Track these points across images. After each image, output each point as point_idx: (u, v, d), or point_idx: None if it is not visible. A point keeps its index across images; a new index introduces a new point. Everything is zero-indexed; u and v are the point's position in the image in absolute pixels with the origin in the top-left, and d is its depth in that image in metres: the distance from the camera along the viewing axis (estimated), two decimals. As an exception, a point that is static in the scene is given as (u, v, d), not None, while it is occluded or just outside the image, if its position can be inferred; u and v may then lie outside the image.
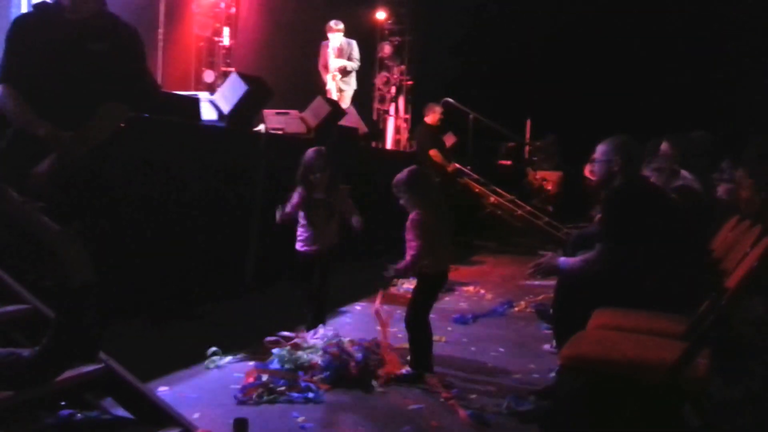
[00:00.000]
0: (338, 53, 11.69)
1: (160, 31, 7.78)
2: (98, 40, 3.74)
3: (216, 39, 12.15)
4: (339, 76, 11.70)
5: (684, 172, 5.61)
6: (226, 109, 7.19)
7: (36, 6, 4.07)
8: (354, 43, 11.81)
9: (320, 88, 11.26)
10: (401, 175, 5.05)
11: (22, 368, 3.16)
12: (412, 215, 4.91)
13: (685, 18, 16.52)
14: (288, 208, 5.53)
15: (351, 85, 11.90)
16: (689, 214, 5.00)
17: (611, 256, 4.41)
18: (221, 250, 6.58)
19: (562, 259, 4.81)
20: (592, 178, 15.91)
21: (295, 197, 5.53)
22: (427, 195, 4.99)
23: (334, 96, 11.41)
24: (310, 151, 5.63)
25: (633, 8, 16.71)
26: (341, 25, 11.62)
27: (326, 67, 11.76)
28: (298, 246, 5.64)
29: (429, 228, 4.86)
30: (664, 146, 5.85)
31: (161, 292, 5.79)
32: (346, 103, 11.32)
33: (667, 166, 5.62)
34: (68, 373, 3.35)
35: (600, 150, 4.77)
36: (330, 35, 11.65)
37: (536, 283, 7.97)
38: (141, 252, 5.41)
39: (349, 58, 11.74)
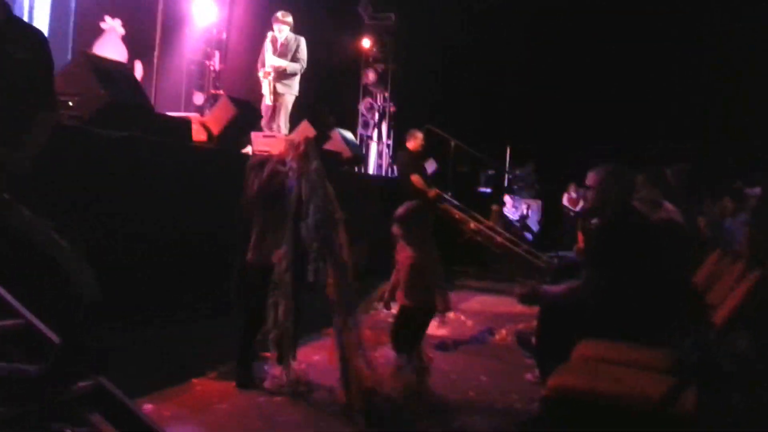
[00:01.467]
0: (281, 49, 10.23)
1: (155, 53, 7.89)
2: (19, 48, 3.63)
3: (207, 62, 12.31)
4: (272, 74, 10.17)
5: (667, 204, 5.63)
6: (215, 130, 7.31)
7: None
8: (302, 40, 10.40)
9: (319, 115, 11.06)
10: (401, 209, 5.12)
11: (30, 385, 3.19)
12: (406, 253, 4.97)
13: (667, 45, 16.81)
14: None
15: (292, 88, 10.36)
16: (673, 246, 5.01)
17: (598, 283, 4.40)
18: (207, 267, 6.65)
19: (547, 286, 4.84)
20: (570, 206, 16.15)
21: None
22: (421, 232, 5.05)
23: (268, 99, 10.13)
24: None
25: (613, 35, 16.96)
26: (289, 18, 10.33)
27: (263, 64, 10.29)
28: None
29: (421, 269, 4.94)
30: (640, 179, 5.76)
31: (146, 305, 5.83)
32: (285, 109, 10.25)
33: (649, 197, 5.64)
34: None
35: (594, 178, 4.75)
36: (275, 26, 10.27)
37: (517, 310, 8.03)
38: (129, 266, 5.51)
39: (293, 59, 10.27)
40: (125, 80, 6.04)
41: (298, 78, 10.38)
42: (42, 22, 8.90)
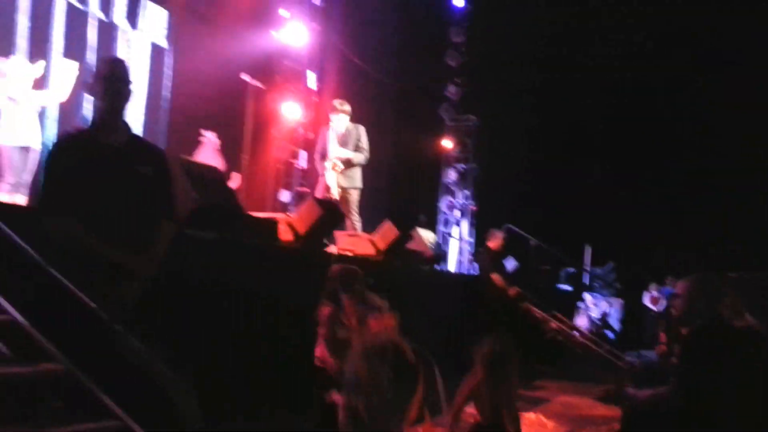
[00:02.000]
0: (342, 139, 9.70)
1: (245, 156, 8.27)
2: (144, 163, 4.01)
3: (292, 161, 12.68)
4: (340, 167, 9.63)
5: (748, 317, 5.47)
6: (301, 230, 7.53)
7: (70, 134, 4.33)
8: (362, 129, 9.85)
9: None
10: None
11: None
12: None
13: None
14: None
15: (356, 181, 9.80)
16: (758, 355, 4.93)
17: (685, 394, 4.30)
18: (285, 366, 6.77)
19: (632, 390, 4.74)
20: (653, 306, 15.90)
21: None
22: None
23: (335, 192, 9.58)
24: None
25: (701, 137, 16.96)
26: (347, 107, 9.77)
27: (324, 156, 9.72)
28: None
29: None
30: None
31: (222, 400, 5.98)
32: (355, 204, 9.78)
33: (732, 305, 5.53)
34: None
35: (683, 287, 4.66)
36: (333, 117, 9.75)
37: (599, 413, 7.89)
38: (212, 361, 5.67)
39: (356, 148, 9.71)
40: (215, 183, 6.29)
41: (360, 171, 9.90)
42: (137, 123, 9.33)
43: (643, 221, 17.28)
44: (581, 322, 14.17)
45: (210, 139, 9.57)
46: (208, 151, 9.63)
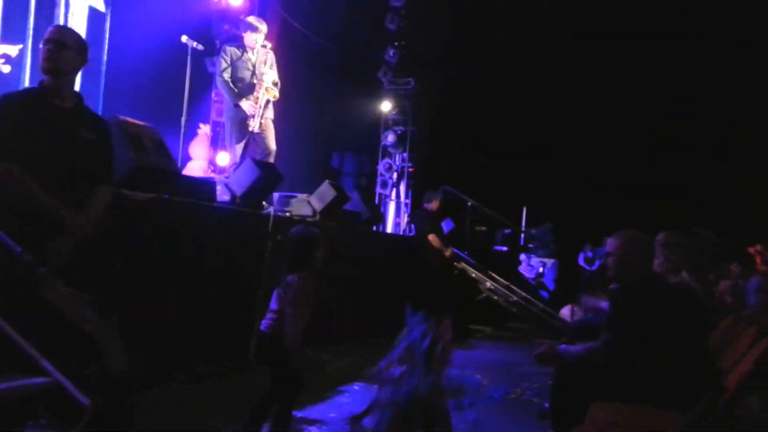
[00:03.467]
0: (266, 63, 9.24)
1: (183, 118, 8.29)
2: (87, 128, 4.23)
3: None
4: (274, 91, 9.21)
5: (684, 274, 5.53)
6: (238, 191, 7.58)
7: (17, 91, 4.55)
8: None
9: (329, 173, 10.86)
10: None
11: None
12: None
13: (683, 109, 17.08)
14: None
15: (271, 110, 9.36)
16: (689, 310, 4.85)
17: (616, 348, 4.37)
18: (228, 324, 6.86)
19: (563, 346, 4.76)
20: (586, 266, 16.25)
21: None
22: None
23: (257, 125, 9.08)
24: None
25: (627, 100, 17.26)
26: (265, 25, 9.29)
27: (252, 87, 9.14)
28: None
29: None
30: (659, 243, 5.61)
31: (166, 360, 6.05)
32: (271, 137, 9.27)
33: (667, 262, 5.51)
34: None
35: (614, 244, 4.71)
36: (254, 36, 9.20)
37: (533, 369, 8.04)
38: (150, 320, 5.74)
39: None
40: (153, 144, 6.28)
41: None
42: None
43: (580, 182, 17.60)
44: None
45: (205, 132, 9.75)
46: (203, 141, 9.86)
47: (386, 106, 16.06)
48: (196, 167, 10.85)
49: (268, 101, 9.26)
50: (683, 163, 17.07)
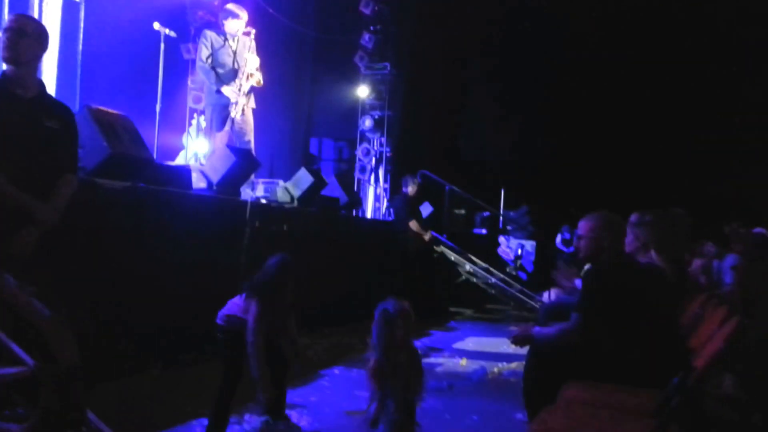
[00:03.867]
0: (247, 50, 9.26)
1: (158, 106, 8.26)
2: (50, 118, 4.19)
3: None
4: (258, 76, 9.23)
5: (652, 253, 5.50)
6: (215, 178, 7.58)
7: None
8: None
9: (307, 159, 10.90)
10: None
11: None
12: None
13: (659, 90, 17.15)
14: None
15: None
16: (659, 290, 4.99)
17: (588, 328, 4.39)
18: (206, 310, 6.86)
19: (537, 328, 4.78)
20: (564, 248, 16.35)
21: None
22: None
23: (238, 114, 9.07)
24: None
25: (606, 81, 17.30)
26: (245, 13, 9.35)
27: (232, 60, 9.16)
28: None
29: None
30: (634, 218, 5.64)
31: (145, 347, 6.04)
32: (250, 130, 9.24)
33: (636, 241, 5.52)
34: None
35: (586, 226, 4.74)
36: (235, 23, 9.29)
37: (511, 350, 8.08)
38: (129, 309, 5.76)
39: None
40: (126, 132, 6.26)
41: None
42: (50, 76, 9.21)
43: (557, 164, 17.65)
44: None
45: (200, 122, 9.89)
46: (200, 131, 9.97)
47: (363, 91, 16.03)
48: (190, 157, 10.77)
49: (251, 90, 9.22)
50: (662, 143, 17.13)
